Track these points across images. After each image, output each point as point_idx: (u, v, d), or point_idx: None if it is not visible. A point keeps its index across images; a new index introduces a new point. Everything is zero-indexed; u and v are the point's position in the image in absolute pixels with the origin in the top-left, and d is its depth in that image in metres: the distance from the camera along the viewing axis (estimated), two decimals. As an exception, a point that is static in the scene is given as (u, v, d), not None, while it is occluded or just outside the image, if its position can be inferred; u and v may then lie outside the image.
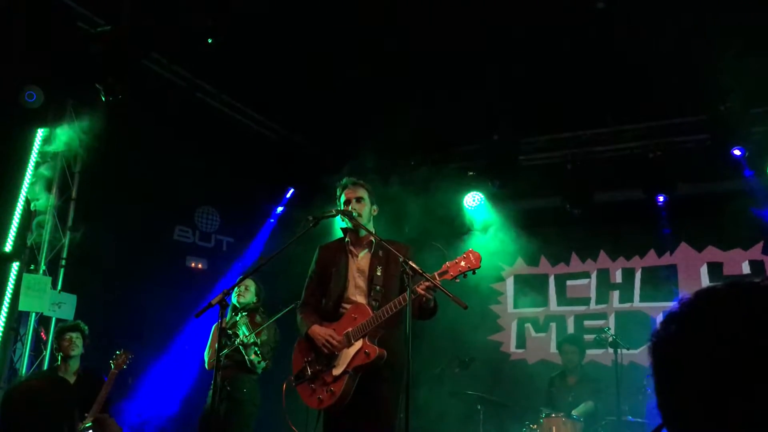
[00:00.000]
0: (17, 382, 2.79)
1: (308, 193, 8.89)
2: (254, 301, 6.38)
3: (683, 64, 6.72)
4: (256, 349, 6.05)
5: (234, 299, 6.29)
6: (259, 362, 6.05)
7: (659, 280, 8.37)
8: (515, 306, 9.22)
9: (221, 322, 4.57)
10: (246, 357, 6.05)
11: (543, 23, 6.45)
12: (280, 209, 9.38)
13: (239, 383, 6.12)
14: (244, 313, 6.21)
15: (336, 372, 4.20)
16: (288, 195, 9.42)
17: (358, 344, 4.17)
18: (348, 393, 4.14)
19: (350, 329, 4.21)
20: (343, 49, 6.94)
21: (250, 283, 6.40)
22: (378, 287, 4.31)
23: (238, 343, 6.03)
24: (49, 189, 7.06)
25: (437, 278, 3.94)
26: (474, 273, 3.98)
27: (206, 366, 6.41)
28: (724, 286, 1.10)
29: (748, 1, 5.91)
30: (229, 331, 6.11)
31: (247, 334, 6.02)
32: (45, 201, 6.93)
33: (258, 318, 6.30)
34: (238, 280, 5.28)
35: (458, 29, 6.59)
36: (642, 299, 8.47)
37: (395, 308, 4.06)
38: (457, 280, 3.98)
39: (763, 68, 6.59)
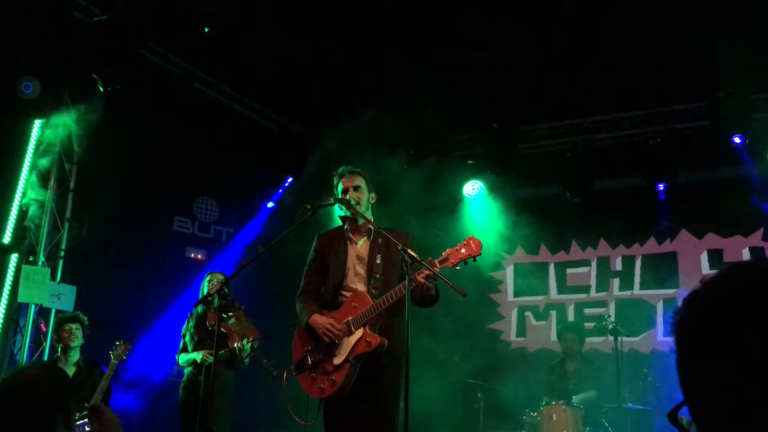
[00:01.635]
0: (13, 371, 2.79)
1: (306, 182, 8.89)
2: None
3: (683, 51, 6.69)
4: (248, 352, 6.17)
5: (205, 290, 6.32)
6: (266, 370, 6.15)
7: (659, 268, 8.36)
8: (515, 294, 9.22)
9: (218, 313, 4.58)
10: (241, 357, 6.16)
11: (542, 9, 6.42)
12: (270, 205, 9.35)
13: (225, 379, 6.20)
14: (230, 313, 6.19)
15: (337, 361, 4.19)
16: (286, 183, 9.40)
17: (359, 333, 4.16)
18: (349, 382, 4.14)
19: (351, 318, 4.20)
20: (343, 36, 6.91)
21: (222, 277, 6.38)
22: (378, 275, 4.29)
23: (239, 348, 6.07)
24: (47, 180, 7.05)
25: (437, 266, 3.92)
26: (475, 260, 3.96)
27: (181, 363, 6.43)
28: (748, 264, 1.09)
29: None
30: (218, 330, 6.12)
31: (245, 342, 6.08)
32: (39, 194, 6.89)
33: (244, 319, 6.32)
34: (236, 271, 5.27)
35: (458, 17, 6.56)
36: (642, 287, 8.46)
37: (395, 297, 4.05)
38: (458, 268, 3.95)
39: (762, 55, 6.57)
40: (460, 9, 6.50)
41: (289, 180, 9.39)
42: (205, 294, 6.32)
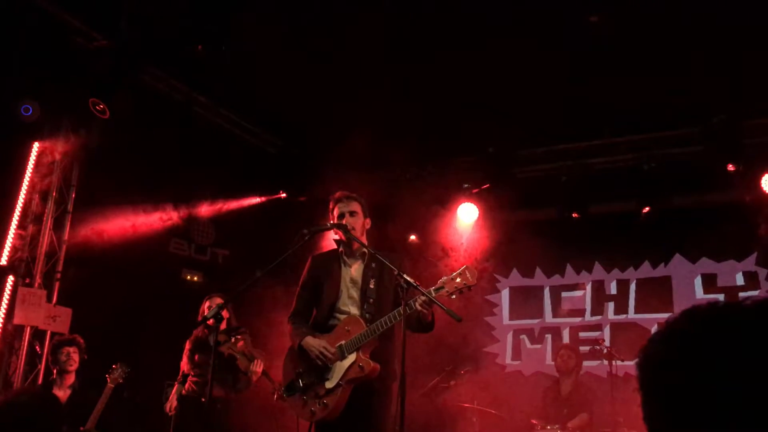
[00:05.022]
0: (5, 396, 2.79)
1: (304, 204, 8.94)
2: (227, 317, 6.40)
3: (677, 76, 6.78)
4: (265, 377, 6.19)
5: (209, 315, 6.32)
6: (273, 390, 6.16)
7: (654, 292, 8.38)
8: (510, 318, 9.22)
9: (216, 338, 4.59)
10: (248, 379, 6.16)
11: (537, 36, 6.49)
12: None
13: (230, 404, 6.19)
14: (237, 336, 6.20)
15: (329, 385, 4.20)
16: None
17: (352, 357, 4.18)
18: (341, 406, 4.15)
19: (343, 342, 4.23)
20: (340, 58, 6.97)
21: (219, 300, 6.38)
22: (371, 300, 4.32)
23: (252, 372, 6.08)
24: (45, 202, 7.08)
25: (433, 294, 3.93)
26: (470, 290, 3.97)
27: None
28: (707, 308, 1.13)
29: (741, 14, 5.95)
30: (214, 352, 6.11)
31: (254, 365, 6.10)
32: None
33: (249, 341, 6.34)
34: (233, 296, 5.30)
35: (455, 41, 6.63)
36: (637, 311, 8.48)
37: (390, 323, 4.07)
38: (453, 297, 3.96)
39: (755, 81, 6.66)
40: (458, 31, 6.57)
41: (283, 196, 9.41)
42: (206, 317, 6.33)
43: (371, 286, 4.35)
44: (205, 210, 8.66)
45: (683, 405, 1.05)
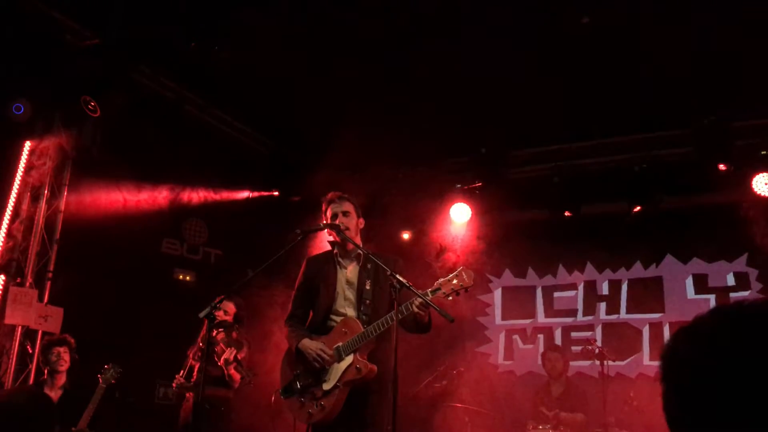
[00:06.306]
0: (-2, 397, 2.79)
1: (297, 204, 8.94)
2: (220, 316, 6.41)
3: (668, 78, 6.80)
4: (237, 364, 6.15)
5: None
6: (242, 378, 6.13)
7: (645, 292, 8.41)
8: (503, 318, 9.24)
9: (207, 337, 4.59)
10: (226, 372, 6.12)
11: (529, 37, 6.51)
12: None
13: (218, 401, 6.18)
14: (219, 329, 6.20)
15: (326, 386, 4.21)
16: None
17: (349, 359, 4.18)
18: (338, 407, 4.16)
19: (341, 344, 4.23)
20: (332, 60, 6.97)
21: (228, 304, 6.40)
22: (368, 301, 4.33)
23: (226, 361, 6.09)
24: (36, 201, 7.04)
25: (429, 295, 3.94)
26: (466, 291, 3.98)
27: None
28: (733, 307, 1.15)
29: (733, 15, 5.98)
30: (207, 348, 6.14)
31: (224, 354, 6.10)
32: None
33: (233, 333, 6.34)
34: (225, 295, 5.29)
35: (449, 42, 6.64)
36: (628, 311, 8.51)
37: (386, 325, 4.08)
38: (450, 298, 3.97)
39: (745, 82, 6.70)
40: (454, 33, 6.57)
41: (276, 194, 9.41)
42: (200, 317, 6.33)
43: (367, 288, 4.35)
44: (197, 209, 8.65)
45: (707, 402, 1.07)
